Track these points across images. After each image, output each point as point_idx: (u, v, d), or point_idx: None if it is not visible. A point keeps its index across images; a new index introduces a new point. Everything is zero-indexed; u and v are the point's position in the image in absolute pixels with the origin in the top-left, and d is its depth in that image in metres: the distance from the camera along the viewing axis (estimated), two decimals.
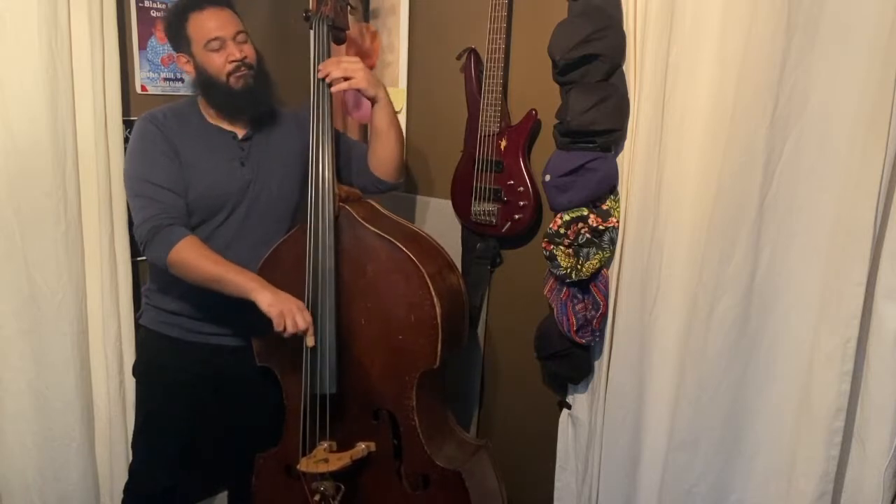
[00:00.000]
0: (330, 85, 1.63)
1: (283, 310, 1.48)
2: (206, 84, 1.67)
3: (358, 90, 1.66)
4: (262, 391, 1.81)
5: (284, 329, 1.49)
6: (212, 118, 1.72)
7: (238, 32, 1.65)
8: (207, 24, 1.62)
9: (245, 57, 1.65)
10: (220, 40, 1.62)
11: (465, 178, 1.96)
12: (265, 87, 1.72)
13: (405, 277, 1.60)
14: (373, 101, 1.68)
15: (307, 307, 1.60)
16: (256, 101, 1.70)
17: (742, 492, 1.57)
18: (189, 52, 1.65)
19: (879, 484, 1.34)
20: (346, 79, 1.63)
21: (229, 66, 1.63)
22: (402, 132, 1.78)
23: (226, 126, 1.72)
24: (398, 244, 1.61)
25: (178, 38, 1.67)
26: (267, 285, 1.52)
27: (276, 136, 1.78)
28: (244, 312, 1.59)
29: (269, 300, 1.49)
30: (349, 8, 1.79)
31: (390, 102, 1.70)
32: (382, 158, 1.77)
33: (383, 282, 1.63)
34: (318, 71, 1.64)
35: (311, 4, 1.68)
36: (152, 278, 1.78)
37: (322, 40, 1.68)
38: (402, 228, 1.71)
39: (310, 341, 1.55)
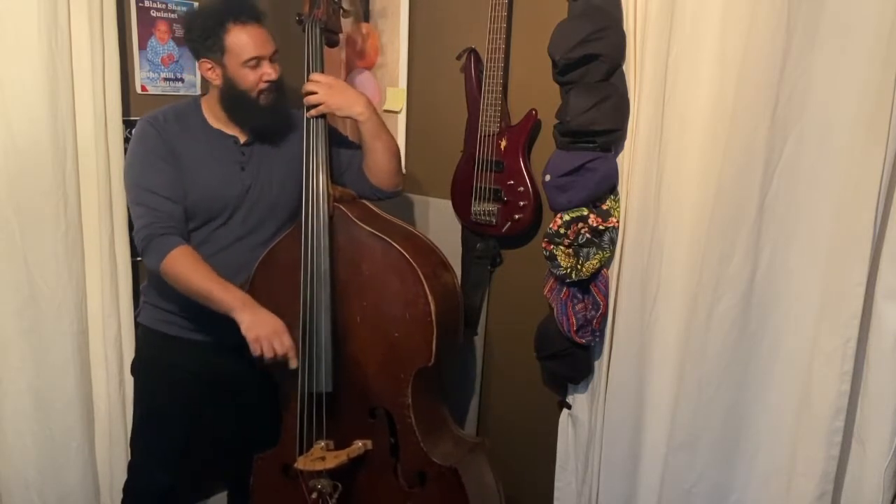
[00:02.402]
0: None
1: (260, 335, 1.50)
2: (233, 97, 1.66)
3: (328, 114, 1.67)
4: (259, 391, 1.81)
5: (262, 354, 1.50)
6: (214, 121, 1.72)
7: (274, 52, 1.66)
8: (250, 42, 1.61)
9: (278, 77, 1.66)
10: (258, 59, 1.63)
11: (465, 178, 1.96)
12: (286, 103, 1.74)
13: (400, 276, 1.61)
14: (351, 118, 1.69)
15: (304, 307, 1.60)
16: (278, 116, 1.72)
17: (742, 492, 1.57)
18: (221, 62, 1.63)
19: (879, 484, 1.34)
20: (314, 107, 1.65)
21: (262, 85, 1.65)
22: (394, 144, 1.78)
23: (227, 130, 1.72)
24: (392, 243, 1.61)
25: (210, 44, 1.63)
26: (250, 305, 1.54)
27: (278, 141, 1.77)
28: None
29: (248, 324, 1.50)
30: (342, 11, 1.79)
31: (374, 115, 1.69)
32: (374, 169, 1.78)
33: (378, 280, 1.63)
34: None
35: (304, 7, 1.69)
36: (150, 278, 1.78)
37: (315, 43, 1.69)
38: (396, 227, 1.71)
39: (292, 363, 1.56)
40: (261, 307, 1.55)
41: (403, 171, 1.99)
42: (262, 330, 1.51)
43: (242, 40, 1.61)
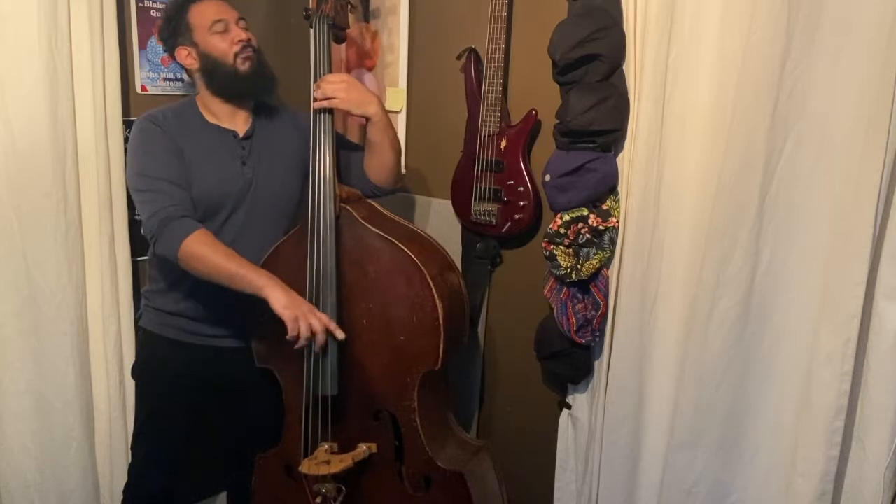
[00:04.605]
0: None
1: (298, 314, 1.47)
2: (213, 70, 1.67)
3: (343, 110, 1.66)
4: (261, 392, 1.80)
5: (298, 336, 1.47)
6: (211, 117, 1.72)
7: (239, 18, 1.69)
8: (209, 9, 1.66)
9: (250, 38, 1.68)
10: (224, 22, 1.66)
11: (465, 178, 1.96)
12: (270, 72, 1.74)
13: (407, 278, 1.60)
14: (364, 118, 1.68)
15: None
16: (263, 83, 1.72)
17: (742, 492, 1.57)
18: (192, 41, 1.67)
19: (879, 484, 1.34)
20: (326, 99, 1.63)
21: (236, 48, 1.66)
22: (398, 142, 1.78)
23: (226, 125, 1.72)
24: (399, 245, 1.60)
25: (179, 30, 1.68)
26: (280, 283, 1.51)
27: (277, 135, 1.78)
28: (244, 314, 1.59)
29: (284, 302, 1.47)
30: (349, 7, 1.79)
31: (384, 117, 1.69)
32: (377, 167, 1.77)
33: (385, 282, 1.63)
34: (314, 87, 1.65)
35: (312, 3, 1.68)
36: (153, 279, 1.78)
37: (322, 39, 1.67)
38: (402, 229, 1.70)
39: (338, 334, 1.53)
40: (287, 286, 1.52)
41: (403, 170, 1.99)
42: (300, 308, 1.48)
43: (202, 11, 1.67)
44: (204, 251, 1.53)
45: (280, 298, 1.47)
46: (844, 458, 1.40)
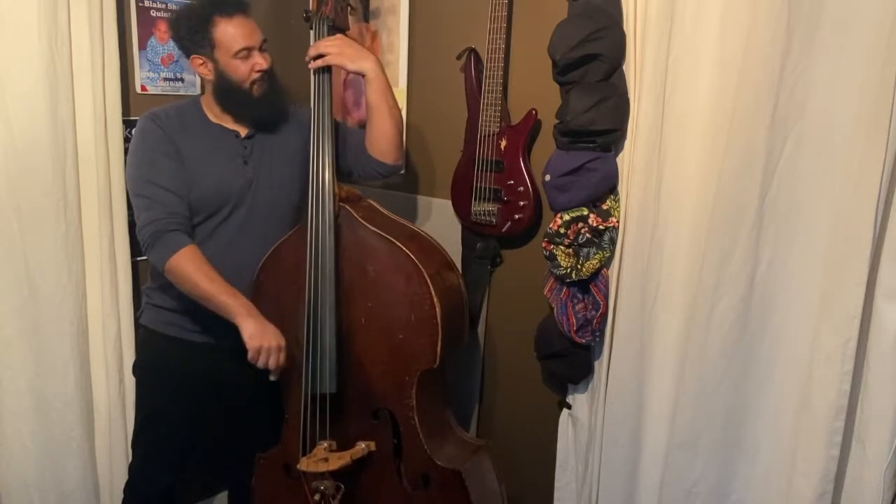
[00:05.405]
0: (314, 63, 1.65)
1: (263, 346, 1.53)
2: (227, 90, 1.67)
3: (338, 66, 1.67)
4: (261, 391, 1.80)
5: (256, 360, 1.54)
6: (214, 117, 1.73)
7: (263, 41, 1.67)
8: (238, 33, 1.62)
9: (270, 66, 1.68)
10: (248, 50, 1.63)
11: (465, 178, 1.96)
12: (280, 93, 1.74)
13: (405, 277, 1.60)
14: (360, 75, 1.68)
15: (309, 307, 1.60)
16: (273, 106, 1.73)
17: (742, 492, 1.57)
18: (211, 56, 1.64)
19: (879, 484, 1.34)
20: (320, 56, 1.63)
21: (255, 76, 1.65)
22: (397, 109, 1.78)
23: (228, 125, 1.73)
24: (398, 244, 1.61)
25: (200, 41, 1.63)
26: (254, 314, 1.56)
27: (279, 134, 1.78)
28: None
29: (252, 332, 1.53)
30: (349, 8, 1.79)
31: (382, 75, 1.69)
32: (378, 137, 1.76)
33: (383, 281, 1.63)
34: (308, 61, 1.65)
35: (311, 4, 1.69)
36: (154, 276, 1.78)
37: None
38: (401, 228, 1.71)
39: (272, 377, 1.59)
40: (263, 317, 1.57)
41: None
42: (265, 341, 1.54)
43: (230, 32, 1.62)
44: (188, 269, 1.57)
45: (248, 328, 1.53)
46: (844, 458, 1.40)
